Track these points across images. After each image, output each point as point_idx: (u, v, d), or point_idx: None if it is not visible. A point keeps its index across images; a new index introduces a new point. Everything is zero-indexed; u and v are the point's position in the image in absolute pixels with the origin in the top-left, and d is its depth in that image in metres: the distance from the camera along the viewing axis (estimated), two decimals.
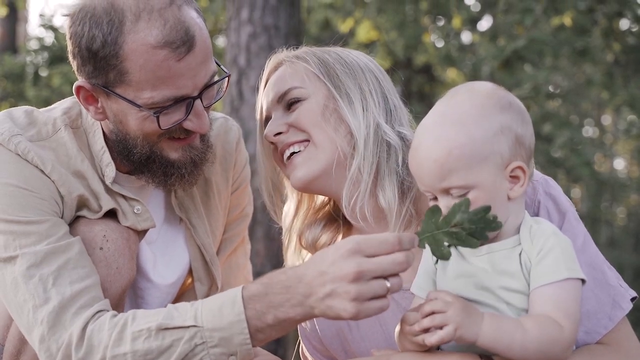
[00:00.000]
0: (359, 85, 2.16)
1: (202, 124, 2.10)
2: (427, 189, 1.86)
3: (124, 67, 1.99)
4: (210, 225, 2.41)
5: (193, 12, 2.05)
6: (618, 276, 2.06)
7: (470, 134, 1.81)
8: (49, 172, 2.09)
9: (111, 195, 2.19)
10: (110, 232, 2.13)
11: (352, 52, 2.25)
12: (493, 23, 9.88)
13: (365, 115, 2.12)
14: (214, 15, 9.42)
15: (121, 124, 2.10)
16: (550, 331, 1.73)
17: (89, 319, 1.95)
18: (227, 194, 2.48)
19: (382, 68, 2.27)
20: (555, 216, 2.03)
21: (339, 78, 2.16)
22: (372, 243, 1.77)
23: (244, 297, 1.88)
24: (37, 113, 2.20)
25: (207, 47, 2.06)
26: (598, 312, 1.97)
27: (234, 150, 2.48)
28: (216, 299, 1.92)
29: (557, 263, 1.77)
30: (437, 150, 1.81)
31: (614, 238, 19.28)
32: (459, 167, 1.80)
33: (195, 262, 2.38)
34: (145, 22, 1.97)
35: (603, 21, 8.46)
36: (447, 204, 1.82)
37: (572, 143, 8.56)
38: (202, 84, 2.06)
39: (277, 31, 6.06)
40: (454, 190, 1.81)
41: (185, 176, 2.18)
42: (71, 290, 1.97)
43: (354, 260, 1.76)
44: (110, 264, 2.11)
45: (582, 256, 1.96)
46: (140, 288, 2.32)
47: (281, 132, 2.19)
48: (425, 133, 1.87)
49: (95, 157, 2.19)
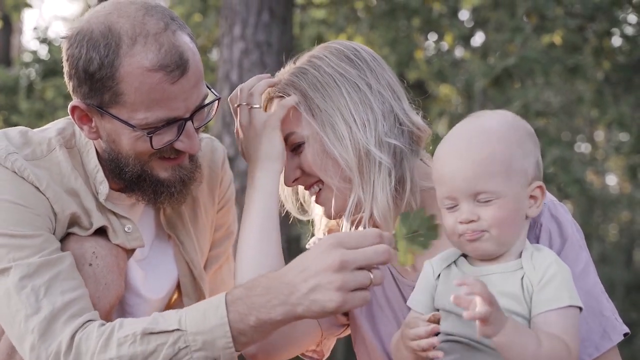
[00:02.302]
0: (339, 109, 2.16)
1: (193, 145, 2.16)
2: (455, 193, 1.89)
3: (119, 89, 2.05)
4: (198, 242, 2.46)
5: (186, 37, 2.11)
6: (614, 310, 2.07)
7: (509, 145, 1.89)
8: (44, 190, 2.13)
9: (103, 212, 2.23)
10: (99, 249, 2.17)
11: (327, 57, 2.22)
12: (484, 41, 9.94)
13: (353, 144, 2.15)
14: (207, 31, 9.47)
15: (114, 144, 2.15)
16: (560, 351, 1.77)
17: (78, 327, 1.98)
18: (213, 212, 2.53)
19: (357, 52, 2.24)
20: (556, 240, 2.05)
21: (319, 108, 2.18)
22: (353, 236, 1.85)
23: (227, 301, 1.92)
24: (31, 133, 2.25)
25: (200, 71, 2.13)
26: (585, 340, 1.98)
27: (219, 170, 2.53)
28: (201, 305, 1.98)
29: (560, 290, 1.82)
30: (479, 154, 1.88)
31: (606, 254, 19.31)
32: (497, 172, 1.86)
33: (183, 278, 2.42)
34: (141, 45, 2.03)
35: (593, 39, 8.53)
36: (472, 211, 1.86)
37: (562, 160, 8.61)
38: (194, 106, 2.12)
39: (270, 47, 6.10)
40: (483, 195, 1.86)
41: (175, 195, 2.23)
42: (62, 300, 2.01)
43: (336, 252, 1.82)
44: (99, 280, 2.14)
45: (580, 283, 1.97)
46: (129, 304, 2.35)
47: (297, 177, 2.27)
48: (460, 138, 1.94)
49: (89, 175, 2.23)
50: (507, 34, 7.73)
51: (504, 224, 1.87)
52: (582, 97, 9.62)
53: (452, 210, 1.90)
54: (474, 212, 1.87)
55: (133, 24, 2.05)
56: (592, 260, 2.08)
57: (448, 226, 1.91)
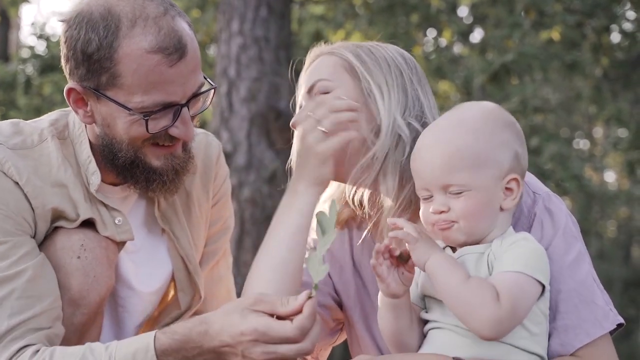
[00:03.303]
0: (385, 78, 2.20)
1: (188, 132, 2.15)
2: (427, 185, 1.94)
3: (117, 71, 2.04)
4: (193, 236, 2.45)
5: (185, 24, 2.12)
6: (609, 301, 2.06)
7: (477, 138, 1.92)
8: (23, 184, 2.11)
9: (92, 204, 2.21)
10: (88, 241, 2.16)
11: (382, 46, 2.30)
12: (483, 37, 9.95)
13: (389, 108, 2.17)
14: (205, 26, 9.46)
15: (109, 128, 2.14)
16: (486, 297, 1.79)
17: (12, 355, 1.97)
18: (208, 207, 2.52)
19: (412, 59, 2.30)
20: (548, 230, 2.05)
21: (368, 72, 2.20)
22: (275, 338, 1.85)
23: (156, 349, 1.93)
24: (23, 124, 2.23)
25: (197, 57, 2.13)
26: (577, 327, 1.98)
27: (214, 165, 2.51)
28: (130, 344, 1.97)
29: (516, 258, 1.85)
30: (446, 147, 1.92)
31: (604, 251, 19.34)
32: (463, 165, 1.90)
33: (178, 273, 2.41)
34: (140, 28, 2.04)
35: (592, 35, 8.53)
36: (443, 202, 1.91)
37: (560, 156, 8.61)
38: (191, 92, 2.12)
39: (268, 43, 6.10)
40: (453, 188, 1.90)
41: (167, 183, 2.22)
42: (7, 325, 2.00)
43: (260, 348, 1.85)
44: (87, 272, 2.13)
45: (570, 271, 1.98)
46: (121, 297, 2.34)
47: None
48: (434, 131, 1.99)
49: (81, 166, 2.21)
50: (506, 29, 7.72)
51: (472, 216, 1.91)
52: (580, 93, 9.63)
53: (427, 201, 1.96)
54: (445, 203, 1.91)
55: (133, 7, 2.05)
56: (587, 251, 2.08)
57: (422, 216, 1.97)
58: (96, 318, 2.18)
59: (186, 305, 2.42)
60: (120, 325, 2.36)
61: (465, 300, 1.82)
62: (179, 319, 2.39)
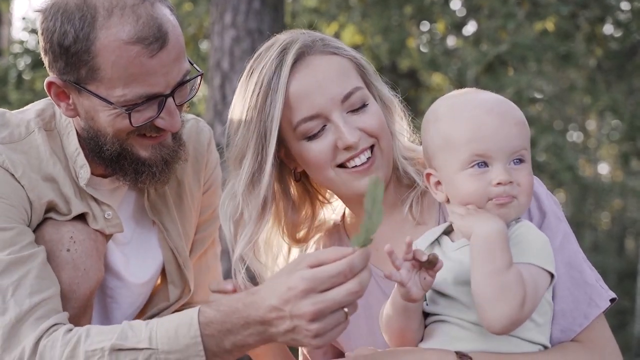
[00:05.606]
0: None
1: (174, 123, 2.09)
2: (493, 152, 1.85)
3: (95, 64, 1.98)
4: (184, 227, 2.41)
5: (166, 9, 2.04)
6: (598, 277, 2.06)
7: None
8: (19, 177, 2.07)
9: (83, 198, 2.17)
10: (77, 234, 2.12)
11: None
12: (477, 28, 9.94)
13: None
14: (198, 19, 9.42)
15: (92, 121, 2.09)
16: (517, 298, 1.74)
17: (43, 332, 1.92)
18: (199, 195, 2.47)
19: None
20: (536, 214, 2.04)
21: (370, 74, 2.18)
22: (324, 279, 1.74)
23: (200, 322, 1.86)
24: (9, 115, 2.18)
25: (180, 44, 2.05)
26: (574, 310, 1.97)
27: (205, 151, 2.47)
28: (172, 320, 1.90)
29: (527, 249, 1.82)
30: (517, 115, 1.91)
31: (598, 242, 19.39)
32: (528, 135, 1.92)
33: (168, 265, 2.38)
34: (117, 18, 1.96)
35: (585, 26, 8.53)
36: (503, 171, 1.84)
37: (554, 148, 8.61)
38: (175, 82, 2.05)
39: (261, 35, 6.06)
40: (522, 153, 1.87)
41: (157, 174, 2.16)
42: (30, 303, 1.95)
43: (309, 300, 1.73)
44: (77, 265, 2.09)
45: (560, 255, 1.96)
46: (110, 287, 2.31)
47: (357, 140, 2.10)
48: (490, 102, 1.92)
49: (69, 159, 2.17)
50: (500, 20, 7.71)
51: (530, 191, 1.88)
52: (574, 84, 9.62)
53: (481, 172, 1.86)
54: (507, 172, 1.84)
55: None
56: (571, 230, 2.07)
57: (474, 189, 1.86)
58: (86, 310, 2.14)
59: (175, 298, 2.38)
60: (109, 317, 2.33)
61: (494, 291, 1.75)
62: (165, 311, 2.36)
